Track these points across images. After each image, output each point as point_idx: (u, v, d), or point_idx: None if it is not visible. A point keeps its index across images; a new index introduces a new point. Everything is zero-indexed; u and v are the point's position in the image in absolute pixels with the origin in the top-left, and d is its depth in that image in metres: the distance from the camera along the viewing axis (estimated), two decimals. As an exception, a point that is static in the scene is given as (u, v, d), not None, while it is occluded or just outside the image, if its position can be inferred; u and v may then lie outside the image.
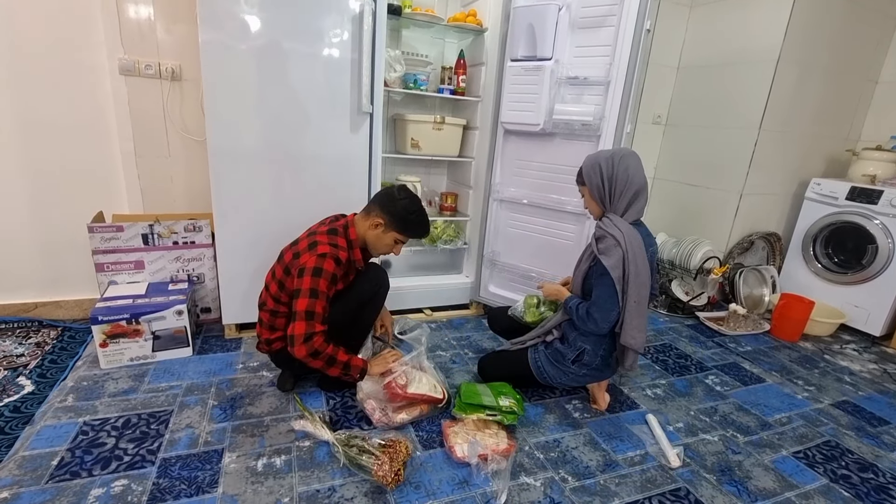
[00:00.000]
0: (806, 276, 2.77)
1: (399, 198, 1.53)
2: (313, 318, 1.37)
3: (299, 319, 1.36)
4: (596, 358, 1.55)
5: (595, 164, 1.50)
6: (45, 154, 2.01)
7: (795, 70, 2.55)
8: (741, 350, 2.30)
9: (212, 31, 1.61)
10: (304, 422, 1.39)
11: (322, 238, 1.47)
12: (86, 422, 1.40)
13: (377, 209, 1.52)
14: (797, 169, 2.86)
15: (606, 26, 1.76)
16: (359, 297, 1.60)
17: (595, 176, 1.50)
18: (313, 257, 1.41)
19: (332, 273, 1.42)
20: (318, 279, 1.39)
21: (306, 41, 1.72)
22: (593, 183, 1.51)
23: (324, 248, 1.43)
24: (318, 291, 1.38)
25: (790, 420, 1.73)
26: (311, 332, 1.36)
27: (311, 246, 1.45)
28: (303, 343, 1.35)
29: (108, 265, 1.85)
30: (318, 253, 1.41)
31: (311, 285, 1.38)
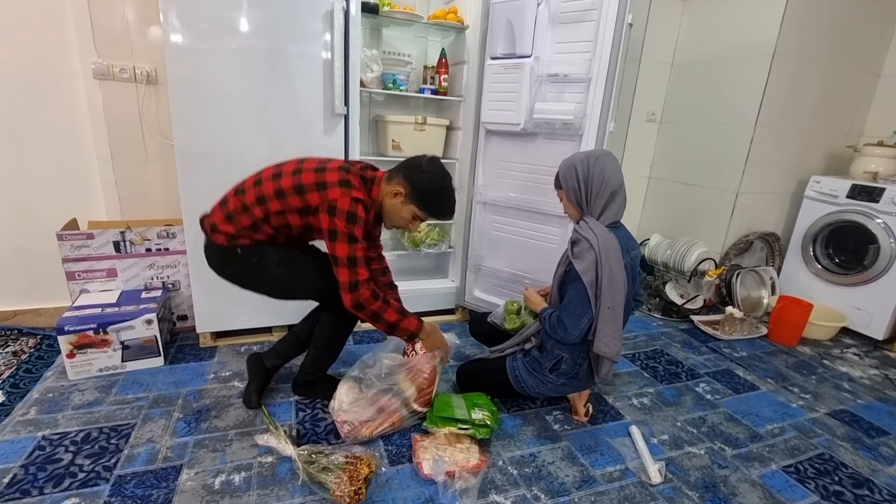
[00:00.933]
0: (806, 277, 2.68)
1: (425, 170, 1.39)
2: (356, 265, 1.31)
3: (342, 266, 1.30)
4: (574, 367, 1.48)
5: (570, 167, 1.43)
6: (20, 160, 1.98)
7: (792, 64, 2.46)
8: (736, 356, 2.21)
9: (177, 31, 1.56)
10: (269, 436, 1.34)
11: (356, 181, 1.35)
12: (45, 436, 1.36)
13: (400, 176, 1.39)
14: (796, 166, 2.77)
15: (587, 21, 1.69)
16: None
17: (571, 178, 1.44)
18: (347, 199, 1.29)
19: (364, 219, 1.32)
20: (353, 226, 1.29)
21: (276, 41, 1.67)
22: (569, 185, 1.44)
23: (358, 192, 1.32)
24: (356, 237, 1.30)
25: (782, 431, 1.66)
26: (356, 279, 1.31)
27: (344, 183, 1.32)
28: (348, 292, 1.32)
29: (80, 273, 1.82)
30: (353, 196, 1.30)
31: (348, 231, 1.29)
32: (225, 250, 1.41)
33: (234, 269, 1.45)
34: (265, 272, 1.42)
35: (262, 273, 1.42)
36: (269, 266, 1.42)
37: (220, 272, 1.47)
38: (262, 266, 1.41)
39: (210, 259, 1.46)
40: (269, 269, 1.42)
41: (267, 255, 1.41)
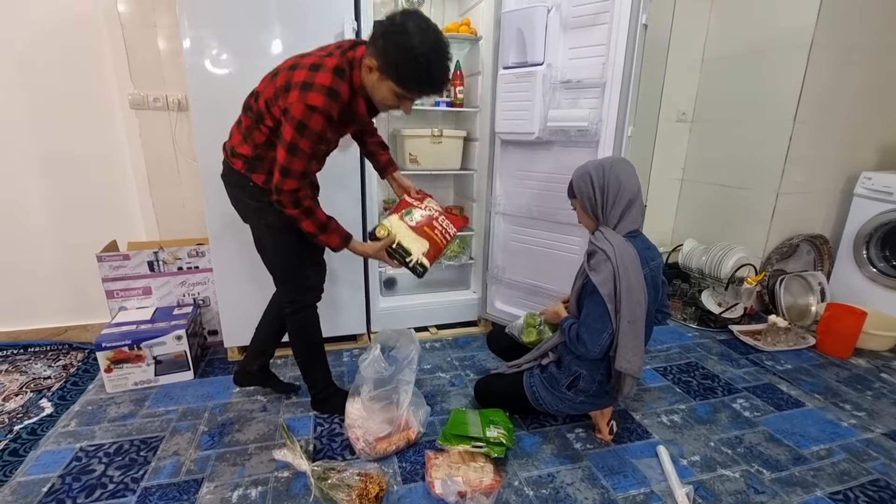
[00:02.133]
0: (860, 281, 2.47)
1: (394, 30, 1.12)
2: (288, 175, 1.22)
3: (276, 170, 1.23)
4: (593, 384, 1.42)
5: (584, 175, 1.39)
6: (67, 187, 2.14)
7: (832, 54, 2.29)
8: (780, 369, 2.06)
9: (196, 56, 1.64)
10: (286, 451, 1.37)
11: (324, 78, 1.16)
12: (82, 447, 1.45)
13: (371, 45, 1.17)
14: (843, 162, 2.57)
15: (599, 24, 1.64)
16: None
17: (586, 187, 1.39)
18: (301, 105, 1.15)
19: (317, 132, 1.18)
20: (300, 136, 1.17)
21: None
22: (584, 194, 1.40)
23: (315, 97, 1.14)
24: (298, 149, 1.19)
25: (830, 453, 1.52)
26: (281, 187, 1.23)
27: (305, 87, 1.16)
28: (273, 192, 1.26)
29: (118, 292, 1.93)
30: (308, 103, 1.14)
31: (292, 139, 1.18)
32: (240, 178, 1.36)
33: (244, 206, 1.42)
34: (271, 219, 1.38)
35: (268, 218, 1.38)
36: (275, 217, 1.37)
37: (234, 203, 1.45)
38: (269, 212, 1.36)
39: (228, 188, 1.44)
40: (275, 219, 1.37)
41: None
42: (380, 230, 1.44)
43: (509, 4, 1.81)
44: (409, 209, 1.50)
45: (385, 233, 1.43)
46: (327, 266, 1.65)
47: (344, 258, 2.00)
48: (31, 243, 2.17)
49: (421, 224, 1.48)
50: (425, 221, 1.49)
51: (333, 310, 2.05)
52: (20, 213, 2.12)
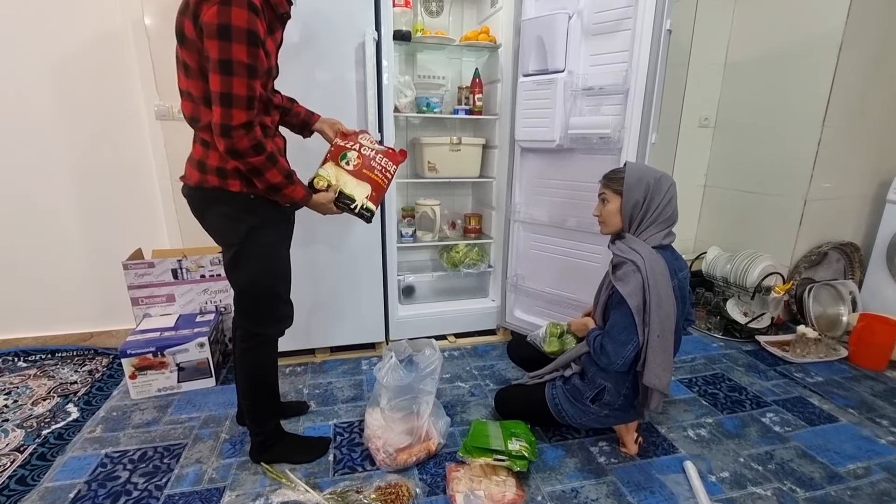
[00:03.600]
0: (894, 291, 2.38)
1: None
2: (231, 104, 1.03)
3: (215, 104, 1.03)
4: (618, 397, 1.39)
5: (642, 180, 1.34)
6: (94, 196, 2.20)
7: (864, 55, 2.23)
8: (810, 381, 1.99)
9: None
10: (285, 490, 1.29)
11: None
12: (107, 454, 1.47)
13: None
14: (875, 168, 2.48)
15: (622, 31, 1.62)
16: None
17: (638, 192, 1.33)
18: (212, 9, 0.98)
19: (246, 29, 1.00)
20: (228, 43, 0.99)
21: (312, 75, 1.74)
22: (632, 198, 1.34)
23: None
24: (233, 62, 1.01)
25: (868, 471, 1.45)
26: (228, 123, 1.03)
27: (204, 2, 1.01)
28: (220, 136, 1.05)
29: (143, 299, 1.96)
30: (218, 1, 0.98)
31: (221, 54, 1.00)
32: (220, 194, 1.17)
33: (233, 225, 1.21)
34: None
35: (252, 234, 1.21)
36: (273, 235, 1.26)
37: (219, 225, 1.25)
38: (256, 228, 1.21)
39: (208, 210, 1.23)
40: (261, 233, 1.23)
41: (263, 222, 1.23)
42: (318, 181, 1.31)
43: (529, 12, 1.80)
44: (343, 153, 1.36)
45: (324, 184, 1.31)
46: (338, 271, 1.59)
47: (362, 264, 2.01)
48: (60, 250, 2.23)
49: (359, 167, 1.36)
50: (363, 164, 1.37)
51: (352, 318, 2.06)
52: (50, 222, 2.18)
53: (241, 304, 1.31)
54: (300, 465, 1.41)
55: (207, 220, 1.26)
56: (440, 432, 1.49)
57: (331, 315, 2.02)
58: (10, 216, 2.13)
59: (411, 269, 2.41)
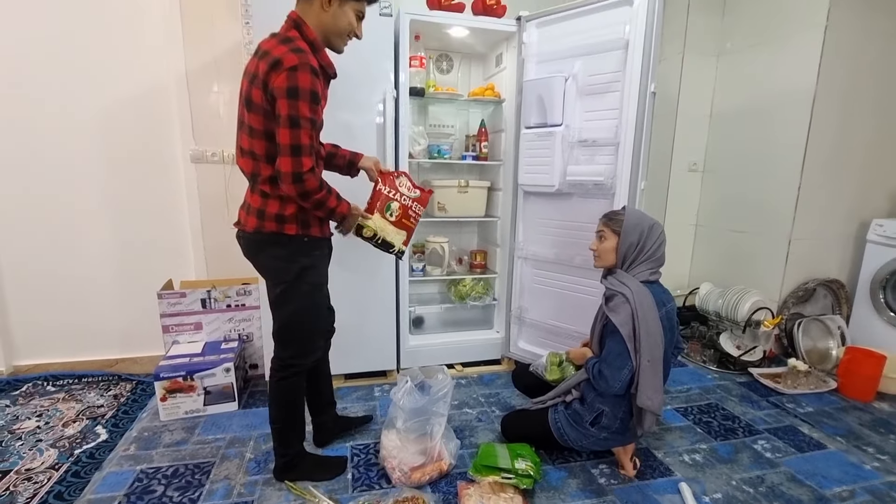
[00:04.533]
0: (880, 326, 2.51)
1: None
2: (300, 153, 1.21)
3: (284, 155, 1.21)
4: (615, 421, 1.51)
5: (639, 226, 1.52)
6: (129, 231, 2.39)
7: (836, 108, 2.45)
8: (801, 411, 2.09)
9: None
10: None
11: (280, 51, 1.19)
12: (142, 470, 1.58)
13: None
14: (855, 209, 2.67)
15: (612, 91, 1.85)
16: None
17: (633, 235, 1.51)
18: (281, 75, 1.17)
19: (310, 90, 1.20)
20: (296, 102, 1.18)
21: (341, 124, 1.94)
22: (628, 239, 1.52)
23: (290, 59, 1.18)
24: (300, 118, 1.19)
25: (853, 494, 1.55)
26: (299, 171, 1.21)
27: (274, 65, 1.19)
28: (292, 183, 1.22)
29: (173, 327, 2.11)
30: (287, 67, 1.17)
31: (289, 111, 1.18)
32: (278, 238, 1.34)
33: (286, 266, 1.37)
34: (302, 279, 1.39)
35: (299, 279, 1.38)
36: (317, 276, 1.43)
37: (272, 265, 1.40)
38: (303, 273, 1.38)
39: (263, 252, 1.40)
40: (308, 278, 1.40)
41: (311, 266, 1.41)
42: (366, 231, 1.51)
43: (530, 74, 2.05)
44: (388, 204, 1.55)
45: (371, 233, 1.51)
46: (355, 303, 1.76)
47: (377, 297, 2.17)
48: (93, 281, 2.40)
49: (399, 217, 1.56)
50: (402, 213, 1.57)
51: (366, 347, 2.19)
52: (85, 255, 2.36)
53: (282, 336, 1.45)
54: (320, 483, 1.52)
55: (260, 260, 1.43)
56: (451, 454, 1.61)
57: (346, 344, 2.15)
58: (50, 250, 2.32)
59: (420, 302, 2.57)
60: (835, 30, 2.33)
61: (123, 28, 2.22)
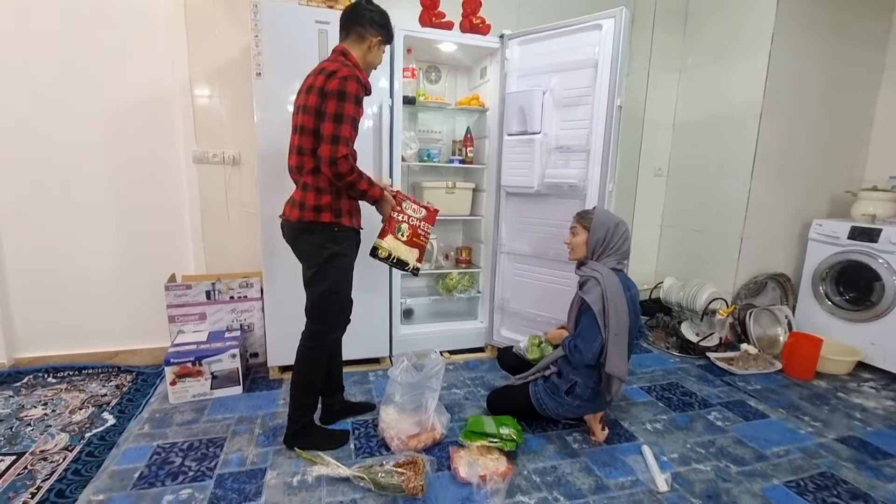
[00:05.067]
0: (821, 315, 2.82)
1: (373, 9, 1.62)
2: (338, 142, 1.45)
3: (325, 143, 1.46)
4: (587, 390, 1.74)
5: (606, 223, 1.76)
6: (131, 228, 2.51)
7: (780, 121, 2.76)
8: (750, 388, 2.37)
9: (263, 125, 2.05)
10: (319, 468, 1.55)
11: (335, 66, 1.50)
12: (159, 445, 1.72)
13: (370, 30, 1.60)
14: (799, 211, 2.99)
15: (584, 104, 2.09)
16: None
17: (601, 231, 1.76)
18: (335, 81, 1.46)
19: (355, 94, 1.48)
20: (343, 102, 1.45)
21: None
22: (597, 236, 1.76)
23: (343, 71, 1.48)
24: (344, 115, 1.46)
25: (788, 453, 1.81)
26: (335, 155, 1.45)
27: (330, 75, 1.48)
28: (328, 166, 1.47)
29: (179, 317, 2.24)
30: (340, 76, 1.46)
31: (336, 109, 1.45)
32: (313, 226, 1.57)
33: (318, 252, 1.59)
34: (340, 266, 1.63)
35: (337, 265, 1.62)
36: (347, 261, 1.66)
37: (308, 250, 1.62)
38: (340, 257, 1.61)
39: (302, 238, 1.62)
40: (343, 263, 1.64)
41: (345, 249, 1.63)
42: (381, 252, 1.69)
43: (511, 87, 2.27)
44: (399, 226, 1.72)
45: (386, 254, 1.70)
46: (355, 296, 1.94)
47: (372, 290, 2.34)
48: (94, 276, 2.50)
49: (410, 236, 1.73)
50: (412, 233, 1.74)
51: (361, 336, 2.36)
52: (88, 251, 2.46)
53: (314, 310, 1.67)
54: (326, 452, 1.69)
55: (298, 245, 1.66)
56: (443, 425, 1.80)
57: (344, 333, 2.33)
58: (53, 246, 2.41)
59: (410, 294, 2.75)
60: (778, 52, 2.64)
61: (130, 35, 2.36)
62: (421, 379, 1.75)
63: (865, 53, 2.92)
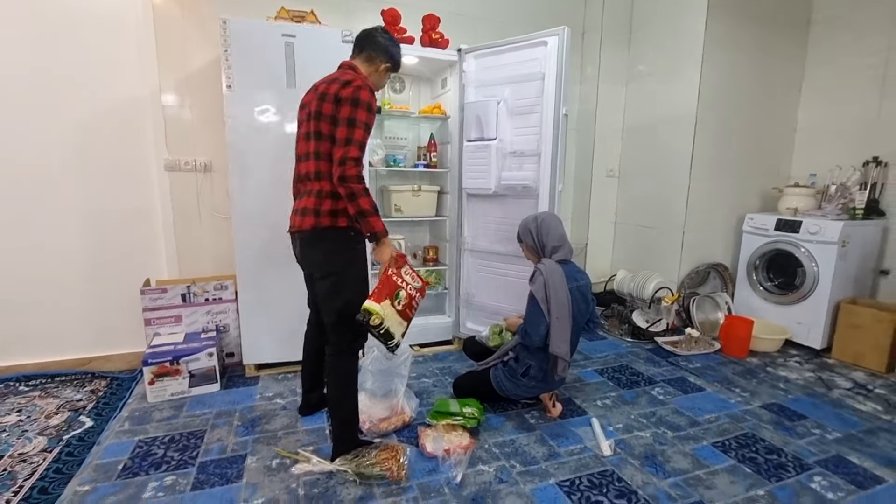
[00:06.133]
0: (756, 300, 3.12)
1: (388, 38, 1.71)
2: (350, 144, 1.48)
3: (338, 146, 1.49)
4: (540, 372, 1.93)
5: (526, 228, 2.00)
6: (102, 234, 2.54)
7: (713, 127, 3.06)
8: (691, 367, 2.62)
9: (234, 135, 2.16)
10: (301, 465, 1.58)
11: (349, 76, 1.57)
12: (140, 440, 1.80)
13: (382, 56, 1.70)
14: (733, 207, 3.30)
15: (534, 113, 2.30)
16: None
17: (526, 235, 1.99)
18: (350, 89, 1.51)
19: (368, 102, 1.52)
20: (356, 108, 1.50)
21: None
22: (527, 240, 2.00)
23: (357, 81, 1.54)
24: (356, 119, 1.49)
25: (717, 419, 2.05)
26: (345, 155, 1.46)
27: (345, 84, 1.53)
28: (338, 165, 1.47)
29: (155, 320, 2.32)
30: (355, 85, 1.52)
31: (350, 114, 1.49)
32: (328, 232, 1.56)
33: (338, 258, 1.58)
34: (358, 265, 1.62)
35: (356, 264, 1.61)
36: (364, 263, 1.65)
37: (324, 258, 1.60)
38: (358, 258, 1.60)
39: (318, 246, 1.60)
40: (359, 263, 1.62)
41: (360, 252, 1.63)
42: (374, 319, 1.46)
43: (469, 97, 2.46)
44: (397, 292, 1.55)
45: (379, 321, 1.47)
46: None
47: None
48: (65, 283, 2.52)
49: (405, 307, 1.57)
50: (407, 303, 1.58)
51: (334, 331, 2.49)
52: (60, 258, 2.49)
53: (339, 324, 1.60)
54: (305, 447, 1.77)
55: (312, 255, 1.64)
56: (412, 409, 1.95)
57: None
58: (23, 253, 2.42)
59: (381, 293, 2.89)
60: (708, 65, 2.94)
61: (99, 45, 2.40)
62: (390, 366, 1.90)
63: (787, 65, 3.26)
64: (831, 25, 3.17)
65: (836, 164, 3.01)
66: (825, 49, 3.21)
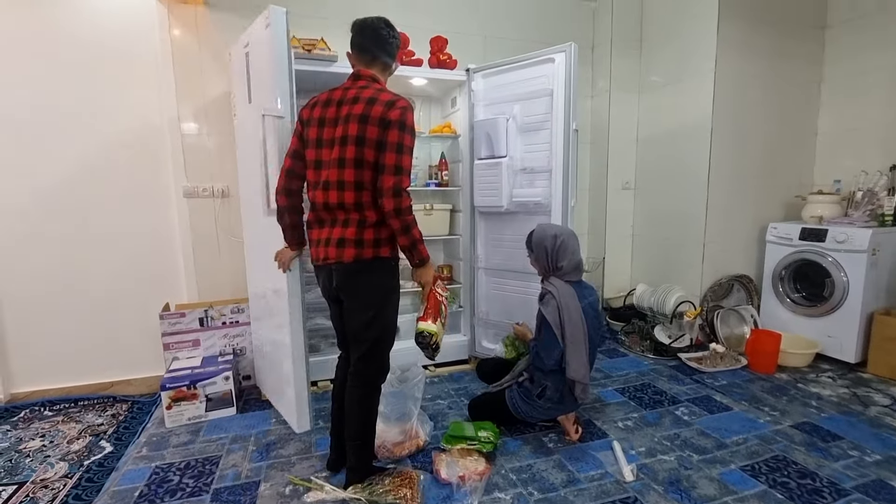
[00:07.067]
0: (783, 312, 3.00)
1: (396, 36, 1.58)
2: (401, 173, 1.40)
3: (388, 173, 1.38)
4: (556, 393, 1.87)
5: (542, 244, 1.92)
6: (124, 261, 2.62)
7: (730, 135, 2.99)
8: (716, 384, 2.52)
9: (244, 163, 2.21)
10: (314, 493, 1.56)
11: (389, 96, 1.45)
12: (157, 465, 1.81)
13: (394, 60, 1.60)
14: (755, 216, 3.20)
15: (544, 129, 2.29)
16: None
17: (540, 251, 1.93)
18: (396, 111, 1.40)
19: (412, 126, 1.44)
20: (404, 133, 1.41)
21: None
22: (539, 255, 1.94)
23: (402, 102, 1.44)
24: (404, 145, 1.41)
25: (746, 441, 1.95)
26: (399, 186, 1.39)
27: (390, 105, 1.42)
28: (391, 197, 1.39)
29: (173, 344, 2.35)
30: (401, 106, 1.42)
31: (399, 139, 1.39)
32: (371, 263, 1.47)
33: (379, 290, 1.52)
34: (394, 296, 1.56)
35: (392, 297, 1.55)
36: (398, 295, 1.59)
37: (366, 291, 1.51)
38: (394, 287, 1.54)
39: (359, 279, 1.50)
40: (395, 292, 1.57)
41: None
42: (434, 338, 1.54)
43: (479, 115, 2.47)
44: (440, 307, 1.62)
45: (436, 340, 1.55)
46: None
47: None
48: (89, 309, 2.60)
49: (445, 319, 1.65)
50: (446, 314, 1.65)
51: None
52: (83, 284, 2.57)
53: (372, 356, 1.56)
54: (318, 475, 1.74)
55: (353, 286, 1.52)
56: (426, 433, 1.92)
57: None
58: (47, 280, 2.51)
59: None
60: (721, 74, 2.89)
61: (123, 76, 2.51)
62: (404, 388, 1.88)
63: (804, 68, 3.19)
64: (851, 25, 3.09)
65: (862, 170, 2.89)
66: (845, 50, 3.13)
